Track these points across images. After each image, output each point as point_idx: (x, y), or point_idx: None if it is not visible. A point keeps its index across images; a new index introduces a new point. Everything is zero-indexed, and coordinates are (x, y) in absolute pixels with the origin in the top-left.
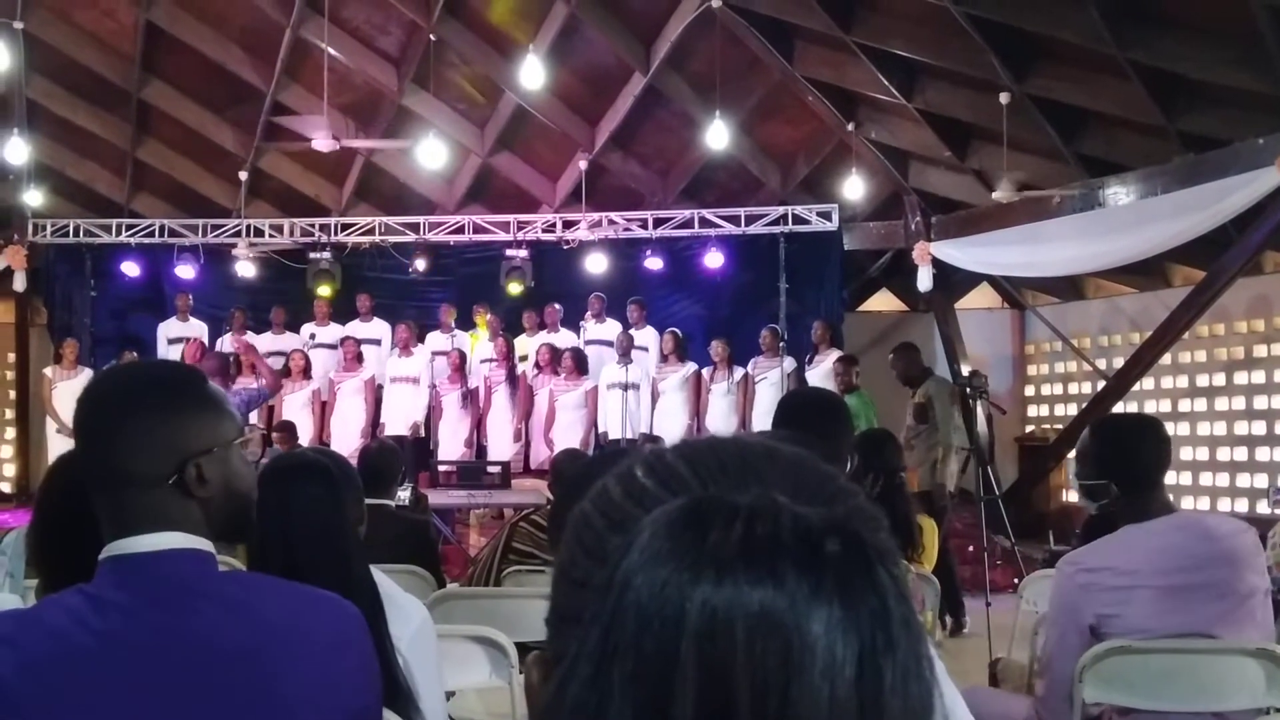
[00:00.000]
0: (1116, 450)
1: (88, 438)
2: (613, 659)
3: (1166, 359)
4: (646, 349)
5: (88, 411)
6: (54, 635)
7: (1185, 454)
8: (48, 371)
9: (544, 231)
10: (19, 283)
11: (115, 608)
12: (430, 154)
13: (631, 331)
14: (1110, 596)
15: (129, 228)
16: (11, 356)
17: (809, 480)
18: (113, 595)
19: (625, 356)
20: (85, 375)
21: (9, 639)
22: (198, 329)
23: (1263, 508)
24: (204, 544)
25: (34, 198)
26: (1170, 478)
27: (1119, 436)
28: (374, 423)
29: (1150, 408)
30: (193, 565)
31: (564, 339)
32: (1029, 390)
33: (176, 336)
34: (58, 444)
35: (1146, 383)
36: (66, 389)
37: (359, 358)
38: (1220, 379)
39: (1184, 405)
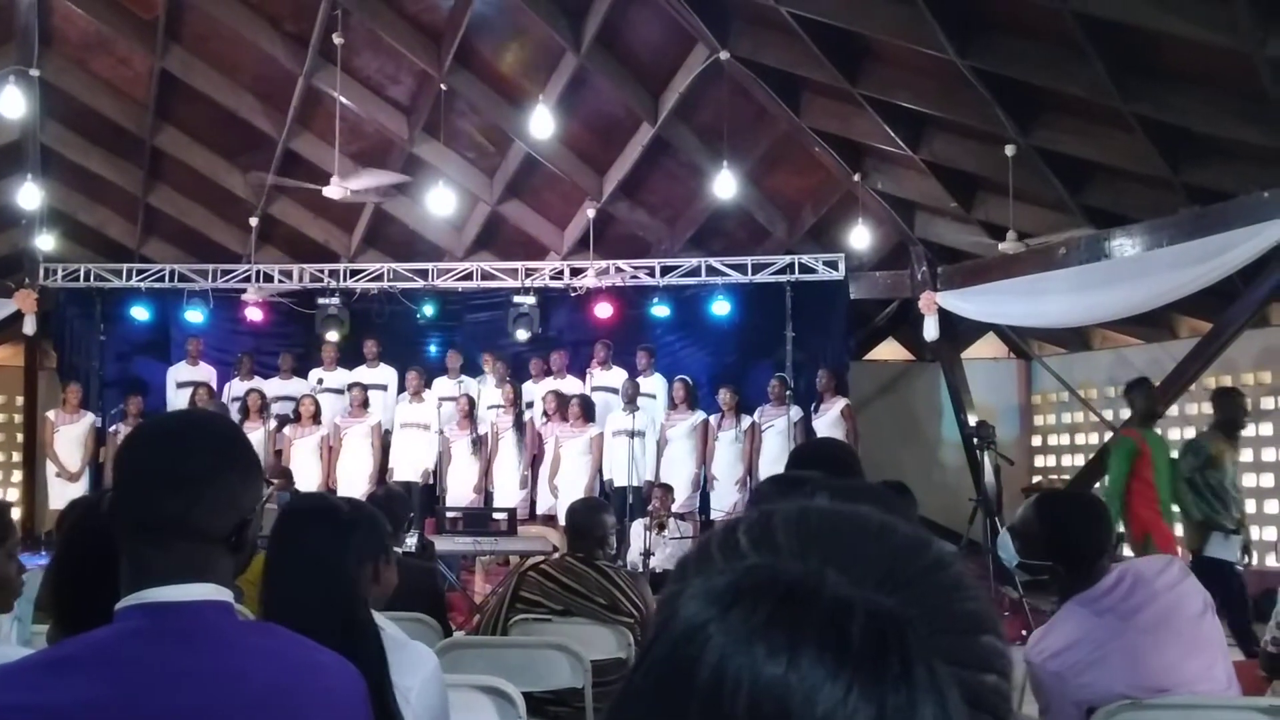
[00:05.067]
0: (1065, 534)
1: (162, 487)
2: (633, 704)
3: (1174, 411)
4: (654, 396)
5: (173, 460)
6: (86, 682)
7: None
8: (50, 415)
9: (552, 279)
10: (29, 326)
11: (150, 654)
12: (439, 201)
13: (639, 379)
14: (1087, 672)
15: (139, 272)
16: (20, 400)
17: (902, 563)
18: (147, 642)
19: (631, 403)
20: (87, 419)
21: (36, 686)
22: (207, 374)
23: (1271, 561)
24: (229, 595)
25: (46, 242)
26: (1180, 529)
27: (1066, 519)
28: (381, 468)
29: None
30: (223, 615)
31: (570, 385)
32: (1036, 440)
33: (186, 380)
34: (57, 487)
35: None
36: (67, 433)
37: (365, 403)
38: None
39: None
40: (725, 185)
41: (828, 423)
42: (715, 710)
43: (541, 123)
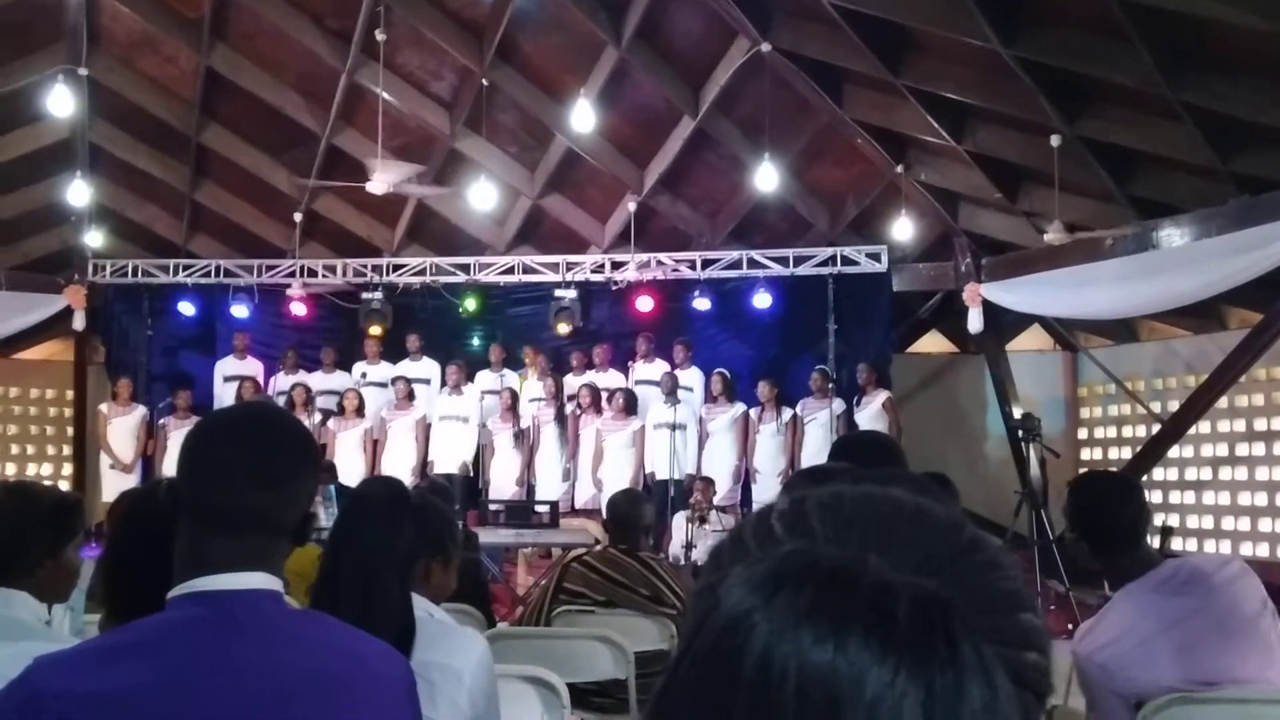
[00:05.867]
0: (1096, 513)
1: (249, 480)
2: (678, 697)
3: (1223, 402)
4: (692, 389)
5: (263, 455)
6: (137, 668)
7: (1244, 499)
8: (103, 408)
9: (593, 272)
10: (78, 321)
11: (201, 642)
12: (481, 196)
13: (676, 372)
14: (1133, 665)
15: (186, 268)
16: (70, 394)
17: (939, 545)
18: (198, 630)
19: (671, 396)
20: (139, 412)
21: (88, 672)
22: (254, 368)
23: None
24: (279, 584)
25: (94, 239)
26: (1229, 523)
27: (1096, 499)
28: (424, 461)
29: (1207, 452)
30: (275, 604)
31: (611, 379)
32: (1082, 433)
33: (233, 374)
34: (111, 479)
35: (1203, 426)
36: (120, 425)
37: (410, 396)
38: (1279, 423)
39: (1241, 449)
40: (767, 178)
41: (870, 416)
42: (764, 698)
43: (582, 117)
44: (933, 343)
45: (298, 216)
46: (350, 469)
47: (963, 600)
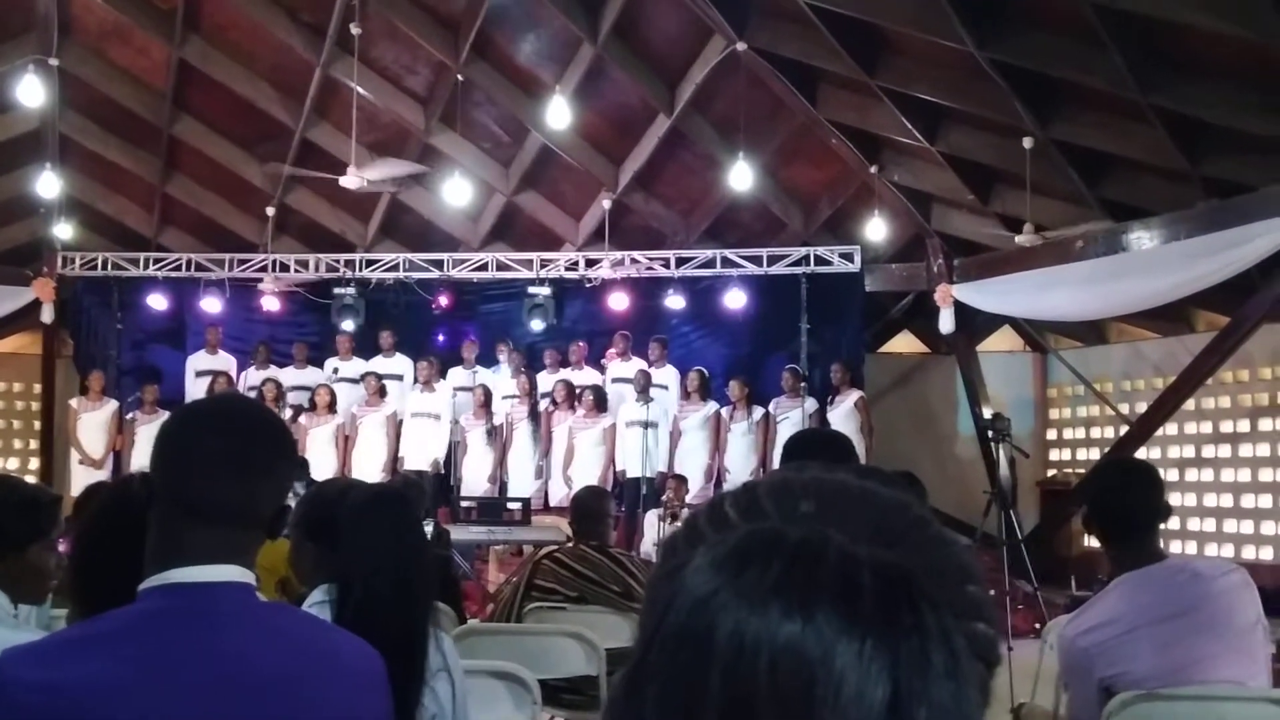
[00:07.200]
0: (1117, 497)
1: (228, 472)
2: (647, 680)
3: (1190, 404)
4: (666, 387)
5: (241, 447)
6: (107, 660)
7: (1209, 500)
8: (73, 403)
9: (567, 269)
10: (46, 314)
11: (171, 634)
12: (455, 192)
13: (651, 370)
14: (1114, 653)
15: (156, 261)
16: (37, 387)
17: (889, 521)
18: (169, 622)
19: (644, 394)
20: (110, 406)
21: (57, 664)
22: (226, 363)
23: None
24: (251, 577)
25: (64, 231)
26: (1194, 524)
27: (1120, 482)
28: (395, 457)
29: (1174, 453)
30: (247, 596)
31: (587, 376)
32: (1051, 434)
33: (205, 369)
34: (80, 475)
35: (1170, 428)
36: (90, 420)
37: (381, 392)
38: (1245, 425)
39: (1208, 451)
40: (741, 177)
41: (842, 415)
42: (737, 674)
43: (558, 114)
44: (904, 343)
45: (270, 211)
46: (321, 465)
47: (918, 572)
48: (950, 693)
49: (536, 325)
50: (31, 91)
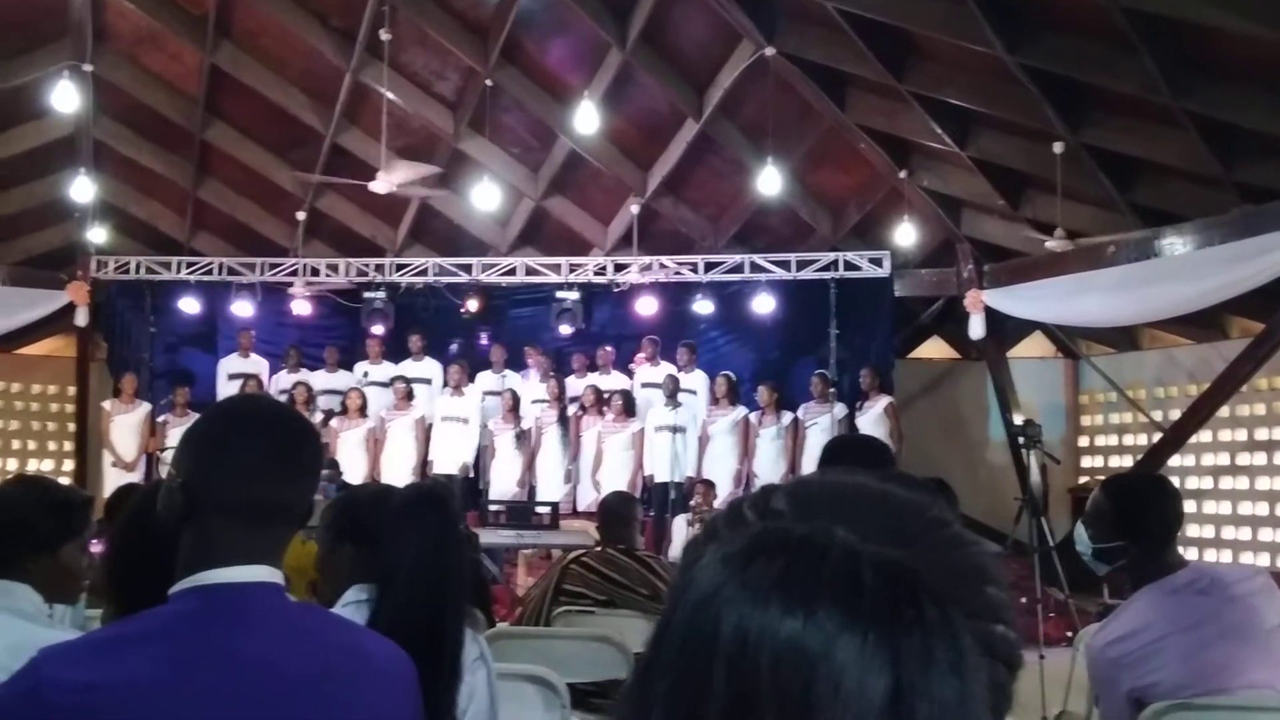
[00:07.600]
0: (1135, 511)
1: (279, 473)
2: (656, 675)
3: (1224, 411)
4: (695, 392)
5: (291, 449)
6: (139, 661)
7: (1244, 509)
8: (106, 405)
9: (595, 274)
10: (81, 318)
11: (203, 635)
12: (484, 197)
13: (680, 374)
14: (1142, 663)
15: (189, 265)
16: (72, 390)
17: (904, 522)
18: (201, 623)
19: (672, 399)
20: (143, 409)
21: (91, 664)
22: (258, 365)
23: None
24: (280, 576)
25: (98, 235)
26: (1229, 533)
27: (1137, 497)
28: (424, 461)
29: (1208, 461)
30: (277, 597)
31: (615, 381)
32: (1083, 441)
33: (237, 372)
34: (113, 476)
35: (1204, 435)
36: (123, 422)
37: (410, 396)
38: None
39: (1242, 459)
40: (770, 182)
41: (871, 421)
42: (740, 670)
43: (586, 119)
44: (934, 349)
45: (301, 215)
46: (352, 468)
47: (930, 573)
48: (954, 689)
49: (565, 330)
50: (66, 97)
